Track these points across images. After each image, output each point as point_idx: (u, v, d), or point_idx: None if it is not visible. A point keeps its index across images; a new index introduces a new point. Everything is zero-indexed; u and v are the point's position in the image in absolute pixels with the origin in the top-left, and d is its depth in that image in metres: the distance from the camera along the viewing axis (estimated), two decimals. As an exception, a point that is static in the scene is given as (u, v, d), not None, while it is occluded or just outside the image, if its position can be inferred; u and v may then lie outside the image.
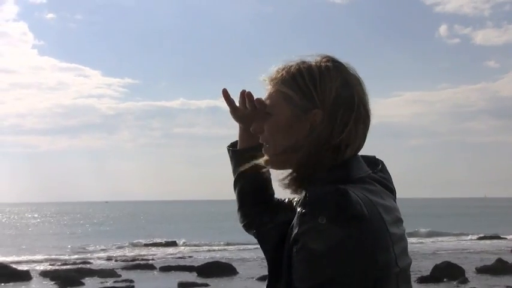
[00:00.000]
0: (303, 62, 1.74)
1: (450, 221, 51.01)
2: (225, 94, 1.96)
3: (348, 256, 1.49)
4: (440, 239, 42.06)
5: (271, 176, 1.97)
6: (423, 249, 32.71)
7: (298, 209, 1.56)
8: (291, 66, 1.74)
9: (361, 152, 1.75)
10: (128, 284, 20.27)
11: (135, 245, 38.14)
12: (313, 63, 1.73)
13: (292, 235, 1.55)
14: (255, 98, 1.82)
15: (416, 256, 27.34)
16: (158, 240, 40.36)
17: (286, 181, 1.72)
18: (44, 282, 20.80)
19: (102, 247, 36.97)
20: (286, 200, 1.95)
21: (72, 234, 51.70)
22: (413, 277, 20.57)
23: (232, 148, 2.05)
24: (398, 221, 1.66)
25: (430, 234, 44.75)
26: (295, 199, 1.84)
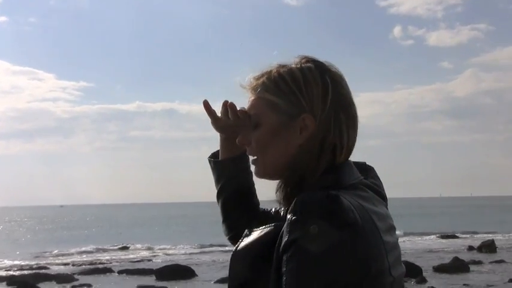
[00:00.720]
0: (283, 66, 1.65)
1: (408, 221, 51.50)
2: (206, 105, 1.90)
3: (341, 265, 1.41)
4: (400, 239, 42.28)
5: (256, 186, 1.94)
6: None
7: (288, 216, 1.47)
8: (271, 71, 1.65)
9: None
10: (86, 288, 20.01)
11: (92, 250, 37.71)
12: (294, 66, 1.64)
13: (282, 244, 1.47)
14: (238, 108, 1.76)
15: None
16: (116, 244, 39.97)
17: (278, 193, 1.65)
18: (-1, 288, 20.44)
19: (59, 252, 36.44)
20: (273, 210, 1.90)
21: (27, 239, 50.95)
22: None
23: (214, 159, 1.98)
24: (392, 228, 1.60)
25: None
26: (283, 208, 1.76)
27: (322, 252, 1.40)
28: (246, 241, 1.62)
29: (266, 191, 1.73)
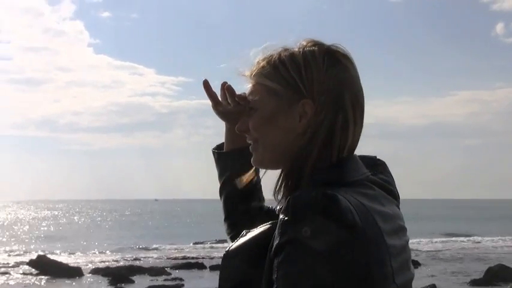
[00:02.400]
0: (285, 50, 1.53)
1: (505, 223, 49.88)
2: (206, 86, 1.81)
3: (337, 272, 1.28)
4: (495, 239, 41.12)
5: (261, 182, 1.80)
6: (474, 251, 32.26)
7: (280, 216, 1.34)
8: (272, 55, 1.53)
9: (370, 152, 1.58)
10: (177, 282, 20.39)
11: (186, 244, 38.29)
12: (296, 50, 1.52)
13: (273, 246, 1.34)
14: (237, 93, 1.66)
15: (466, 258, 26.94)
16: (210, 239, 40.46)
17: (277, 186, 1.49)
18: (95, 279, 21.09)
19: (153, 245, 37.22)
20: (277, 209, 1.72)
21: (122, 232, 52.21)
22: (465, 280, 20.27)
23: (218, 150, 1.89)
24: (400, 230, 1.45)
25: (482, 235, 43.89)
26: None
27: (315, 258, 1.27)
28: (240, 241, 1.51)
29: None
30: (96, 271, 22.65)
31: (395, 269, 1.35)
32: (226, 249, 1.52)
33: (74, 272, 21.91)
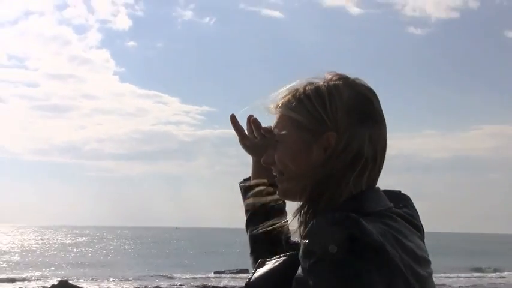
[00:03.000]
0: (310, 84, 1.55)
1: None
2: (233, 120, 1.85)
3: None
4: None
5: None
6: (500, 286, 31.82)
7: (304, 241, 1.34)
8: (297, 89, 1.55)
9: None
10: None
11: (205, 273, 38.15)
12: (321, 83, 1.54)
13: (301, 271, 1.34)
14: (262, 126, 1.69)
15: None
16: (231, 269, 40.22)
17: (295, 219, 1.50)
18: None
19: (175, 274, 37.11)
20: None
21: (145, 260, 52.15)
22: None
23: (244, 184, 1.90)
24: (424, 261, 1.44)
25: (509, 270, 43.23)
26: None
27: (342, 280, 1.27)
28: (260, 271, 1.51)
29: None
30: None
31: None
32: (247, 279, 1.53)
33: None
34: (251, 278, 1.52)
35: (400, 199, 1.58)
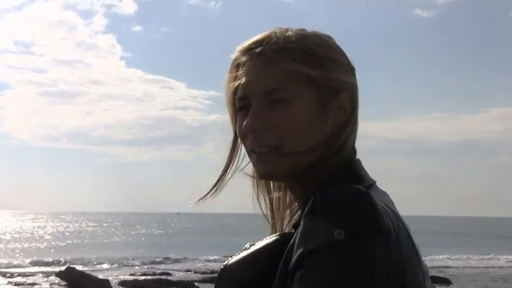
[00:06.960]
0: (304, 30, 1.29)
1: None
2: None
3: (374, 281, 1.04)
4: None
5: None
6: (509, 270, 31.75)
7: (304, 220, 1.10)
8: (302, 35, 1.26)
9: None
10: (206, 296, 20.25)
11: (215, 257, 38.19)
12: (309, 31, 1.28)
13: (296, 255, 1.09)
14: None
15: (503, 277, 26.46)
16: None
17: (289, 197, 1.34)
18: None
19: (182, 258, 37.17)
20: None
21: (152, 244, 52.33)
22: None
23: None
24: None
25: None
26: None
27: (350, 267, 1.04)
28: (241, 255, 1.27)
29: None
30: (124, 284, 22.57)
31: (425, 275, 1.16)
32: (224, 263, 1.28)
33: (102, 285, 21.76)
34: (229, 261, 1.28)
35: None
